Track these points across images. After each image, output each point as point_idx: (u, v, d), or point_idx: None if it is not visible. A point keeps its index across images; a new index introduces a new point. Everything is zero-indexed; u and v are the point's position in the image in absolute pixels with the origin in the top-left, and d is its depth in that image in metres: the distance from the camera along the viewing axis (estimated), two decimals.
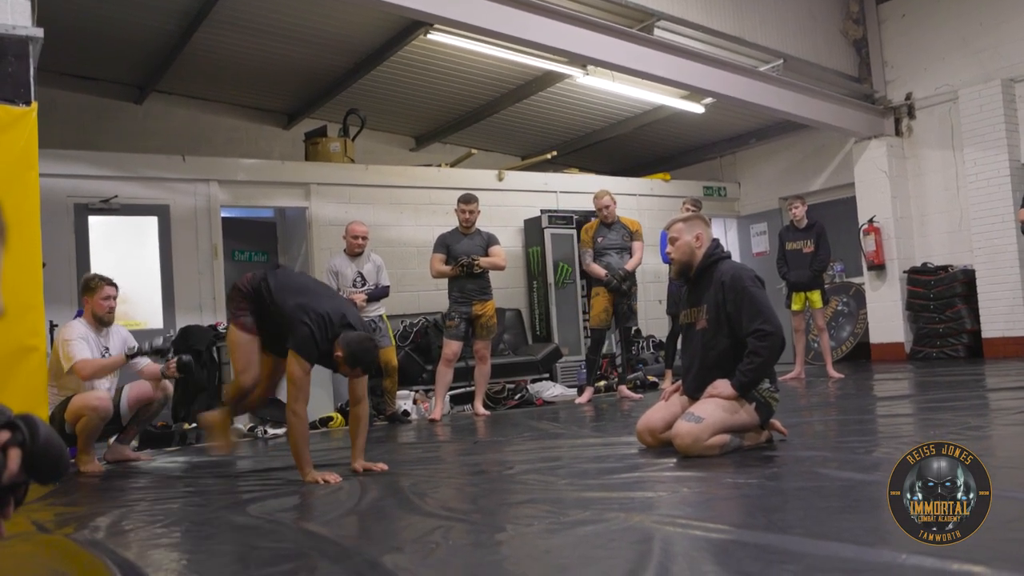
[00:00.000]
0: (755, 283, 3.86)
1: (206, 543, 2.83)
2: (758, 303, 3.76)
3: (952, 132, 9.67)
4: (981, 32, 9.37)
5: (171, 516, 3.29)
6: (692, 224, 4.07)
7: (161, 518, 3.24)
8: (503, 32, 6.72)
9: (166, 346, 5.48)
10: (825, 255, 8.20)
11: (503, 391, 7.91)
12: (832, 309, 10.50)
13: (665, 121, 11.02)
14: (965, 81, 9.45)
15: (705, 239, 4.04)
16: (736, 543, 2.24)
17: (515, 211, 10.20)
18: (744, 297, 3.78)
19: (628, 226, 7.76)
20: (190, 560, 2.59)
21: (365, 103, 9.77)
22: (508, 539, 2.49)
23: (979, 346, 9.26)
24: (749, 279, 3.86)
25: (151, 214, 8.17)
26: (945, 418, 4.50)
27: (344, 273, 7.20)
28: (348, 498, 3.40)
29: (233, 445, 5.05)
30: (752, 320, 3.73)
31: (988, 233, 9.13)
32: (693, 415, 3.69)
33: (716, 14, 8.46)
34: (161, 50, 8.55)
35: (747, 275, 3.90)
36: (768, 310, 3.77)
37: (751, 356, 3.72)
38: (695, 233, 4.03)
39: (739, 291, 3.79)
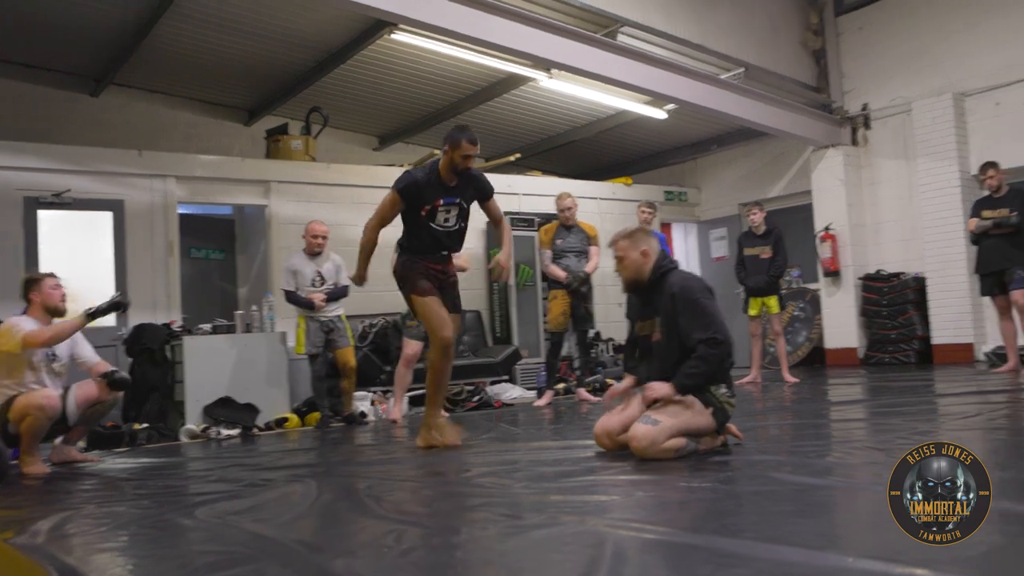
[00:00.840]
0: (705, 294, 3.87)
1: (152, 547, 2.77)
2: (709, 314, 3.78)
3: (906, 143, 9.85)
4: (934, 47, 9.57)
5: (117, 519, 3.23)
6: (637, 240, 4.05)
7: (107, 521, 3.18)
8: (468, 34, 6.71)
9: (123, 299, 5.41)
10: (782, 261, 8.29)
11: (462, 393, 7.90)
12: (789, 314, 10.63)
13: (628, 126, 11.08)
14: (918, 94, 9.63)
15: (652, 252, 4.02)
16: (688, 546, 2.24)
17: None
18: (696, 308, 3.79)
19: (586, 231, 7.80)
20: (135, 565, 2.54)
21: (328, 101, 9.71)
22: (462, 543, 2.47)
23: (929, 352, 9.45)
24: (700, 290, 3.87)
25: (105, 209, 8.03)
26: (895, 423, 4.56)
27: (303, 272, 7.14)
28: (301, 500, 3.36)
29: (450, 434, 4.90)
30: (705, 329, 3.74)
31: (939, 242, 9.31)
32: (650, 418, 3.70)
33: (679, 22, 8.52)
34: (119, 42, 8.42)
35: (697, 286, 3.91)
36: (720, 321, 3.79)
37: (698, 361, 3.73)
38: (640, 249, 4.01)
39: (690, 302, 3.81)
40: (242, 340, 7.40)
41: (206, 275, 9.37)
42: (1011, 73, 8.93)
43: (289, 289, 7.15)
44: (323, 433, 6.59)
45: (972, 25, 9.24)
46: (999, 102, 9.06)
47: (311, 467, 4.52)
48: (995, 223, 7.38)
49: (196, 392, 7.05)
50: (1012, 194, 7.46)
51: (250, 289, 9.39)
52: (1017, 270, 7.27)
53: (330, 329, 7.12)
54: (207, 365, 7.15)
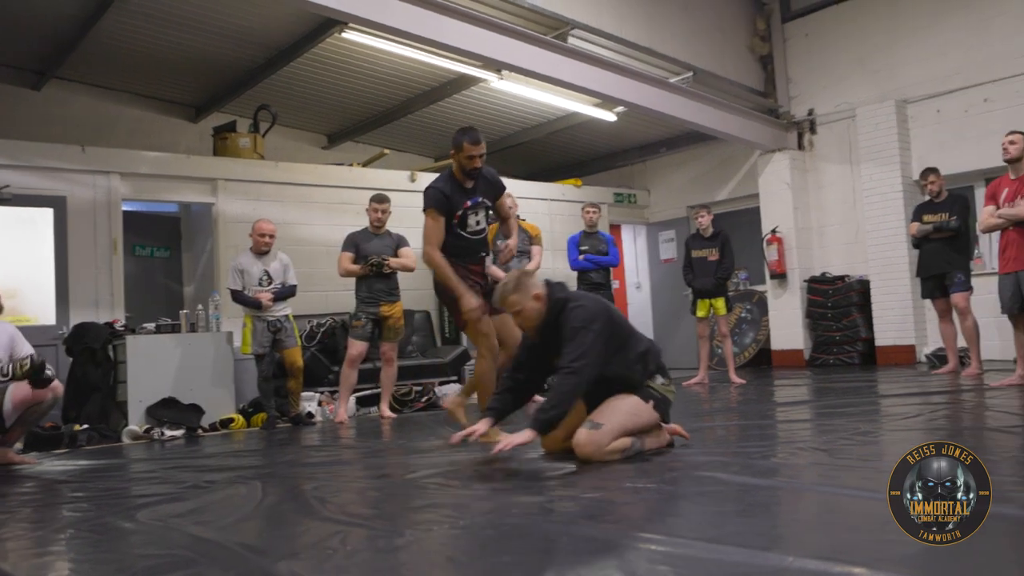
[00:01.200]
0: (592, 321, 3.73)
1: (90, 551, 2.71)
2: (580, 343, 3.67)
3: (850, 148, 10.04)
4: (878, 54, 9.76)
5: (54, 523, 3.16)
6: (523, 287, 3.87)
7: (44, 525, 3.11)
8: (418, 34, 6.68)
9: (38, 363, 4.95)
10: (729, 263, 8.39)
11: (410, 393, 7.86)
12: (736, 316, 10.77)
13: (577, 128, 11.13)
14: (862, 100, 9.82)
15: (542, 291, 3.88)
16: (631, 547, 2.26)
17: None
18: (575, 336, 3.70)
19: (528, 230, 7.79)
20: (72, 569, 2.49)
21: (277, 99, 9.60)
22: (406, 544, 2.46)
23: (873, 353, 9.63)
24: (586, 319, 3.74)
25: (46, 205, 7.84)
26: (839, 423, 4.65)
27: (250, 271, 7.06)
28: (246, 502, 3.32)
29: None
30: (566, 357, 3.68)
31: (882, 245, 9.50)
32: (592, 422, 3.72)
33: (629, 25, 8.58)
34: (63, 35, 8.24)
35: (586, 315, 3.76)
36: (591, 352, 3.68)
37: (552, 394, 3.67)
38: (532, 294, 3.86)
39: (572, 329, 3.72)
40: (187, 340, 7.29)
41: (151, 273, 9.22)
42: (951, 81, 9.13)
43: (236, 288, 7.06)
44: (269, 434, 6.52)
45: (915, 33, 9.44)
46: (940, 109, 9.27)
47: (256, 468, 4.46)
48: (936, 227, 7.53)
49: (139, 392, 6.92)
50: (952, 199, 7.63)
51: (196, 288, 9.25)
52: (957, 273, 7.44)
53: (277, 329, 7.05)
54: (151, 365, 7.03)
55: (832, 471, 3.20)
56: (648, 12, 8.85)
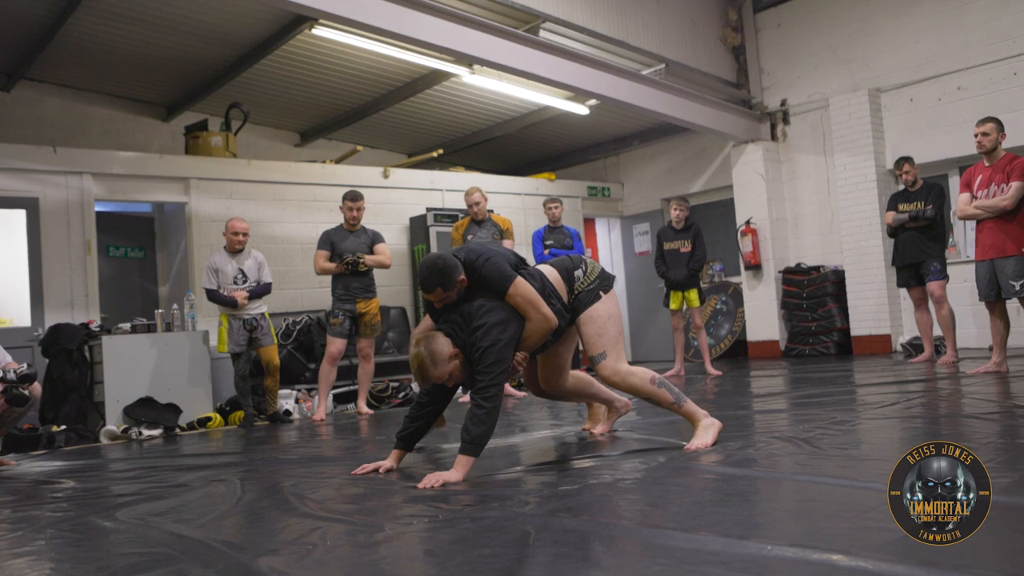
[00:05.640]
0: (504, 334, 3.47)
1: (70, 550, 2.71)
2: (494, 361, 3.42)
3: (824, 138, 10.11)
4: (851, 44, 9.82)
5: (34, 523, 3.15)
6: (438, 356, 3.44)
7: (23, 526, 3.09)
8: (389, 29, 6.67)
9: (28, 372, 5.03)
10: (701, 255, 8.43)
11: (387, 390, 7.86)
12: (711, 307, 10.83)
13: (550, 121, 11.15)
14: (835, 90, 9.89)
15: (453, 350, 3.48)
16: (611, 537, 2.28)
17: (401, 209, 10.15)
18: (486, 355, 3.42)
19: (499, 224, 7.79)
20: (52, 569, 2.48)
21: (248, 97, 9.55)
22: (387, 539, 2.47)
23: (848, 343, 9.71)
24: (503, 333, 3.48)
25: (19, 207, 7.78)
26: (815, 413, 4.69)
27: (224, 270, 7.03)
28: (225, 500, 3.32)
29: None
30: (482, 381, 3.43)
31: (856, 235, 9.57)
32: (592, 358, 3.77)
33: (600, 17, 8.60)
34: (32, 35, 8.16)
35: (502, 327, 3.49)
36: (506, 363, 3.48)
37: (479, 413, 3.38)
38: (447, 354, 3.46)
39: (485, 351, 3.42)
40: (163, 339, 7.25)
41: (125, 274, 9.15)
42: (924, 70, 9.19)
43: (211, 287, 7.03)
44: (247, 432, 6.50)
45: (887, 23, 9.50)
46: (913, 98, 9.33)
47: (235, 466, 4.45)
48: (911, 216, 7.57)
49: (116, 393, 6.88)
50: (927, 188, 7.68)
51: (171, 288, 9.21)
52: (932, 262, 7.49)
53: (253, 327, 7.02)
54: (127, 365, 6.99)
55: (809, 460, 3.23)
56: (620, 4, 8.87)
